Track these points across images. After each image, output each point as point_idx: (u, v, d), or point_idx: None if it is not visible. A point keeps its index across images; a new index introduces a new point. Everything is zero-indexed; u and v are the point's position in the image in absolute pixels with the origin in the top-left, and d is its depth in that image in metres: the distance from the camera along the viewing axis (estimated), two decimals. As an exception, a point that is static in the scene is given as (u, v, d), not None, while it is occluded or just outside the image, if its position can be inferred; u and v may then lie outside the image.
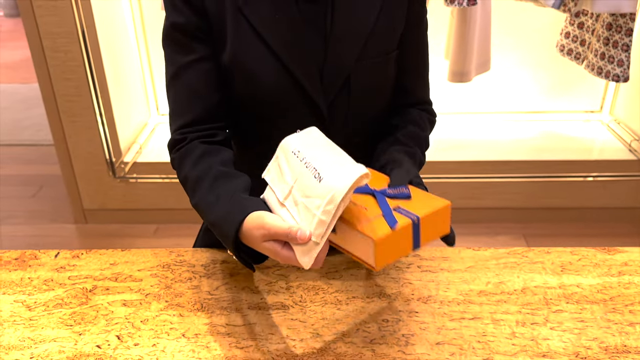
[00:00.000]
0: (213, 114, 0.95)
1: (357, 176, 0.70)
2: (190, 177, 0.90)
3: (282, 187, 0.78)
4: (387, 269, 1.02)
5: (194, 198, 0.90)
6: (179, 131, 0.95)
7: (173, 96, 0.96)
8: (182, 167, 0.93)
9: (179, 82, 0.94)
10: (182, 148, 0.94)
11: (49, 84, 2.36)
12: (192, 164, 0.91)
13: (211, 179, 0.87)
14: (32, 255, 1.08)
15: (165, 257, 1.07)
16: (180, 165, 0.93)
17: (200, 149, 0.92)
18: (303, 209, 0.74)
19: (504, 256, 1.05)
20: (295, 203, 0.75)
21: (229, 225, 0.79)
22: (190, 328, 0.90)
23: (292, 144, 0.80)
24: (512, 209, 2.59)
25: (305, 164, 0.75)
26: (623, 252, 1.06)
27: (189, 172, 0.91)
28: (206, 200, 0.87)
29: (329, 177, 0.71)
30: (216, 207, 0.84)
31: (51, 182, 3.08)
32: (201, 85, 0.93)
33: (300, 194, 0.75)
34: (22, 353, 0.86)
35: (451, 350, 0.85)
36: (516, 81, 2.77)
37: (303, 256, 0.72)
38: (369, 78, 0.95)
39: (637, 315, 0.91)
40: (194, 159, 0.91)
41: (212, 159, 0.91)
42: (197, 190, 0.89)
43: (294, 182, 0.76)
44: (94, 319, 0.93)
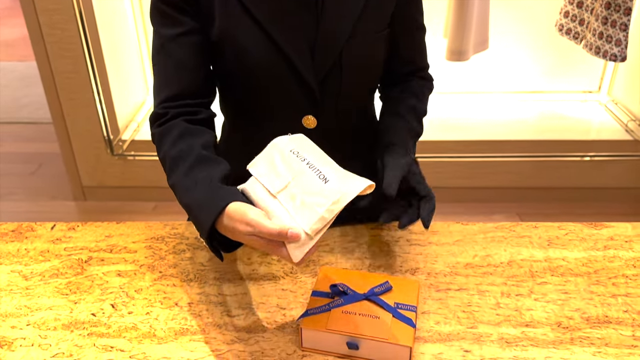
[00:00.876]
0: (197, 88, 0.95)
1: (366, 185, 0.76)
2: (169, 156, 0.89)
3: (275, 181, 0.79)
4: (377, 243, 1.04)
5: (170, 178, 0.88)
6: (161, 105, 0.94)
7: (158, 69, 0.95)
8: (162, 145, 0.91)
9: (164, 54, 0.94)
10: (163, 124, 0.93)
11: (47, 61, 2.36)
12: (172, 143, 0.90)
13: (190, 162, 0.86)
14: (29, 227, 1.10)
15: (159, 230, 1.09)
16: (160, 142, 0.92)
17: (182, 127, 0.91)
18: (301, 204, 0.76)
19: (492, 230, 1.07)
20: (291, 197, 0.78)
21: (206, 213, 0.78)
22: (183, 297, 0.92)
23: (289, 144, 0.83)
24: (508, 189, 2.61)
25: (307, 164, 0.79)
26: (609, 227, 1.07)
27: (168, 151, 0.89)
28: (183, 183, 0.85)
29: (337, 181, 0.76)
30: (193, 191, 0.83)
31: (50, 160, 3.10)
32: (186, 58, 0.93)
33: (299, 190, 0.77)
34: (18, 320, 0.89)
35: (436, 319, 0.87)
36: (514, 61, 2.77)
37: (295, 250, 0.74)
38: (360, 56, 0.96)
39: (619, 288, 0.93)
40: (174, 138, 0.90)
41: (193, 140, 0.89)
42: (174, 171, 0.87)
43: (292, 179, 0.79)
44: (89, 288, 0.95)
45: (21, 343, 0.84)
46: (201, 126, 0.94)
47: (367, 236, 1.06)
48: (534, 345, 0.82)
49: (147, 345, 0.83)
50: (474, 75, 2.81)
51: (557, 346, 0.82)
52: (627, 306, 0.89)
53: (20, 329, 0.87)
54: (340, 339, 0.79)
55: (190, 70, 0.94)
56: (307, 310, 0.82)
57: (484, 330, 0.84)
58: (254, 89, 0.96)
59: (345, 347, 0.79)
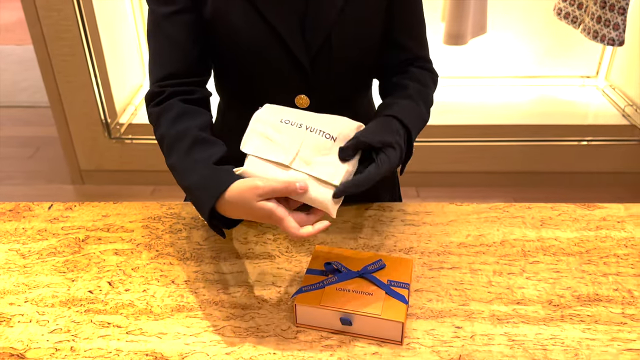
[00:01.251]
0: (192, 67, 0.95)
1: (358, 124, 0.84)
2: (168, 136, 0.90)
3: (282, 152, 0.81)
4: (371, 223, 1.05)
5: (169, 159, 0.89)
6: (157, 84, 0.94)
7: (153, 47, 0.96)
8: (160, 125, 0.92)
9: (159, 32, 0.94)
10: (160, 103, 0.93)
11: (43, 44, 2.36)
12: (170, 123, 0.90)
13: (189, 143, 0.87)
14: (26, 207, 1.11)
15: (156, 210, 1.10)
16: (158, 122, 0.93)
17: (179, 107, 0.92)
18: (320, 164, 0.80)
19: (486, 211, 1.07)
20: (306, 163, 0.80)
21: (207, 194, 0.79)
22: (180, 275, 0.94)
23: (274, 115, 0.84)
24: (504, 173, 2.62)
25: (307, 129, 0.82)
26: (602, 208, 1.08)
27: (166, 131, 0.90)
28: (182, 164, 0.86)
29: (340, 133, 0.82)
30: (193, 173, 0.84)
31: (48, 143, 3.10)
32: (181, 37, 0.93)
33: (311, 153, 0.80)
34: (16, 297, 0.90)
35: (429, 296, 0.88)
36: (512, 45, 2.76)
37: (335, 205, 0.80)
38: (352, 33, 0.95)
39: (610, 267, 0.94)
40: (171, 118, 0.90)
41: (191, 122, 0.90)
42: (173, 152, 0.88)
43: (299, 146, 0.80)
44: (86, 266, 0.96)
45: (19, 319, 0.85)
46: (197, 106, 0.94)
47: (362, 216, 1.07)
48: (524, 322, 0.83)
49: (143, 321, 0.85)
50: (472, 59, 2.80)
51: (547, 323, 0.83)
52: (618, 285, 0.90)
53: (19, 305, 0.88)
54: (333, 315, 0.80)
55: (184, 48, 0.94)
56: (301, 288, 0.84)
57: (475, 308, 0.86)
58: (246, 68, 0.96)
59: (339, 323, 0.80)
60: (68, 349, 0.80)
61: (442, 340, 0.80)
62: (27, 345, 0.81)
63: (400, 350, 0.79)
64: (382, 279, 0.85)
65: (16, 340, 0.82)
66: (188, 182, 0.85)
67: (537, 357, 0.78)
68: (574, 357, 0.77)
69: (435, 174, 2.62)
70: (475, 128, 2.53)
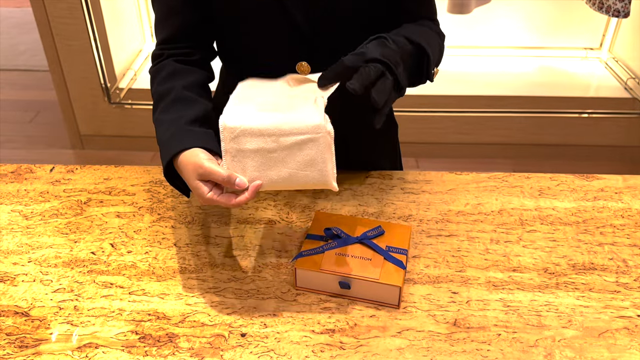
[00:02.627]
0: (190, 32, 0.96)
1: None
2: (155, 94, 0.92)
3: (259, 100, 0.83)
4: (371, 191, 1.06)
5: (154, 115, 0.91)
6: (159, 46, 0.96)
7: (156, 11, 0.97)
8: (152, 83, 0.94)
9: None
10: (158, 63, 0.95)
11: (42, 6, 2.33)
12: (159, 82, 0.92)
13: (169, 101, 0.89)
14: (28, 169, 1.12)
15: (157, 174, 1.10)
16: (152, 80, 0.95)
17: (170, 67, 0.93)
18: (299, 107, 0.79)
19: (485, 180, 1.08)
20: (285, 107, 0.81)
21: (166, 152, 0.82)
22: (182, 238, 0.95)
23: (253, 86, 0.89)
24: (504, 145, 2.62)
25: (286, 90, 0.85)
26: (601, 178, 1.09)
27: (155, 89, 0.92)
28: (159, 120, 0.88)
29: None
30: (162, 129, 0.86)
31: (48, 108, 3.09)
32: (179, 2, 0.93)
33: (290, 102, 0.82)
34: (20, 257, 0.91)
35: (426, 262, 0.89)
36: (516, 15, 2.73)
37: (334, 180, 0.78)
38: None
39: (606, 237, 0.95)
40: (162, 77, 0.93)
41: (177, 81, 0.91)
42: (156, 108, 0.90)
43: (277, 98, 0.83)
44: (88, 228, 0.97)
45: (23, 279, 0.87)
46: (193, 66, 0.95)
47: (362, 184, 1.08)
48: (520, 289, 0.85)
49: (146, 282, 0.86)
50: (475, 29, 2.77)
51: (542, 290, 0.85)
52: (613, 254, 0.92)
53: (22, 265, 0.89)
54: (332, 278, 0.82)
55: (182, 13, 0.94)
56: (301, 252, 0.85)
57: (472, 274, 0.87)
58: (247, 34, 0.96)
59: (338, 287, 0.82)
60: (71, 307, 0.82)
61: (438, 304, 0.82)
62: (32, 304, 0.83)
63: (397, 313, 0.80)
64: (381, 244, 0.86)
65: (20, 298, 0.83)
66: (158, 137, 0.87)
67: (531, 322, 0.79)
68: (568, 323, 0.79)
69: (435, 144, 2.62)
70: (476, 99, 2.52)
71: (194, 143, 0.80)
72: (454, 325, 0.79)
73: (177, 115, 0.86)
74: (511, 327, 0.79)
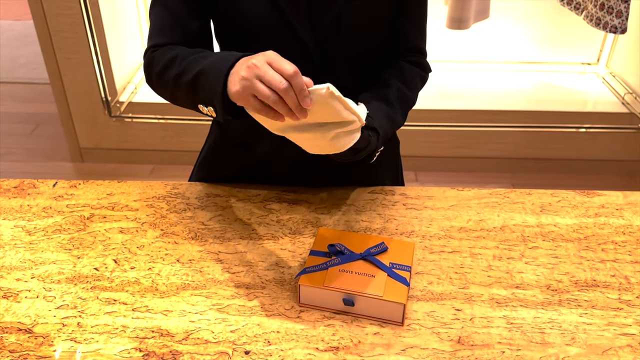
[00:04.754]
0: (189, 42, 0.96)
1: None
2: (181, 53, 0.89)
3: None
4: (374, 206, 1.06)
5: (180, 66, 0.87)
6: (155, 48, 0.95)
7: (154, 17, 0.97)
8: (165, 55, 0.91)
9: (160, 5, 0.95)
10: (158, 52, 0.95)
11: (44, 19, 2.34)
12: (182, 49, 0.91)
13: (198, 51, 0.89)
14: (31, 184, 1.12)
15: (160, 190, 1.11)
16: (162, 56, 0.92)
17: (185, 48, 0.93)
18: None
19: (486, 196, 1.09)
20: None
21: (224, 61, 0.78)
22: (185, 254, 0.95)
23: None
24: (502, 159, 2.63)
25: None
26: (601, 195, 1.10)
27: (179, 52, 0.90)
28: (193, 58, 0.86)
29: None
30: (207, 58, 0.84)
31: (48, 121, 3.09)
32: (181, 11, 0.94)
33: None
34: (23, 273, 0.91)
35: (429, 279, 0.90)
36: (514, 30, 2.76)
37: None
38: (360, 18, 0.96)
39: (608, 253, 0.96)
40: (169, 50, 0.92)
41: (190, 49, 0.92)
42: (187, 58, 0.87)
43: None
44: (91, 244, 0.97)
45: (26, 295, 0.87)
46: None
47: (364, 199, 1.08)
48: (523, 305, 0.85)
49: (149, 298, 0.86)
50: (473, 44, 2.80)
51: (545, 307, 0.85)
52: (615, 271, 0.92)
53: (26, 281, 0.89)
54: (336, 295, 0.82)
55: (182, 22, 0.95)
56: (305, 268, 0.85)
57: (475, 291, 0.87)
58: (251, 48, 0.97)
59: (342, 304, 0.82)
60: (75, 324, 0.82)
61: (442, 322, 0.82)
62: (35, 320, 0.82)
63: (401, 330, 0.81)
64: (385, 261, 0.86)
65: (24, 315, 0.83)
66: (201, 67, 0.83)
67: (535, 340, 0.79)
68: (571, 341, 0.79)
69: (434, 158, 2.63)
70: (474, 113, 2.53)
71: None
72: (458, 343, 0.79)
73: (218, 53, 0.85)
74: (515, 344, 0.79)
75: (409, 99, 1.03)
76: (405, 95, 1.01)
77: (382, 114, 0.95)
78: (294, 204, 1.06)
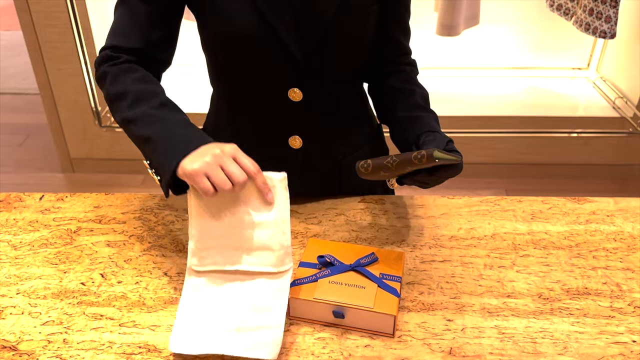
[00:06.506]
0: (149, 48, 0.95)
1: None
2: (133, 91, 0.88)
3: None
4: (364, 216, 1.06)
5: (130, 110, 0.87)
6: (113, 49, 0.94)
7: (117, 17, 0.95)
8: (118, 81, 0.90)
9: (125, 6, 0.94)
10: (118, 64, 0.93)
11: (33, 30, 2.33)
12: (136, 80, 0.90)
13: (161, 100, 0.88)
14: (17, 198, 1.10)
15: (148, 202, 1.09)
16: (117, 79, 0.91)
17: (143, 71, 0.92)
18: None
19: (477, 204, 1.08)
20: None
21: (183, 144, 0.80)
22: (173, 267, 0.94)
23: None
24: (495, 165, 2.63)
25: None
26: (592, 201, 1.09)
27: (131, 86, 0.89)
28: (153, 114, 0.85)
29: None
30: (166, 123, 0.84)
31: (38, 131, 3.07)
32: (145, 19, 0.93)
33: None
34: (8, 289, 0.89)
35: (420, 289, 0.89)
36: (504, 36, 2.77)
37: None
38: (349, 31, 0.95)
39: (599, 261, 0.95)
40: (137, 77, 0.91)
41: (158, 87, 0.91)
42: (141, 104, 0.87)
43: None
44: (78, 258, 0.96)
45: (11, 311, 0.85)
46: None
47: (355, 209, 1.07)
48: (515, 315, 0.84)
49: (136, 313, 0.85)
50: (464, 50, 2.80)
51: (537, 316, 0.84)
52: (607, 278, 0.91)
53: (11, 297, 0.88)
54: (326, 307, 0.81)
55: (146, 31, 0.93)
56: (294, 280, 0.84)
57: (466, 301, 0.87)
58: (239, 60, 0.96)
59: (332, 316, 0.81)
60: (61, 341, 0.80)
61: (433, 332, 0.81)
62: (20, 337, 0.81)
63: (392, 342, 0.80)
64: (375, 272, 0.85)
65: (8, 332, 0.82)
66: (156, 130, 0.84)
67: (527, 350, 0.79)
68: (563, 350, 0.79)
69: (427, 164, 2.62)
70: (465, 119, 2.53)
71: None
72: (449, 354, 0.78)
73: (181, 117, 0.86)
74: (507, 354, 0.78)
75: (425, 95, 1.06)
76: (423, 94, 1.05)
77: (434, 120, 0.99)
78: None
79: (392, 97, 1.04)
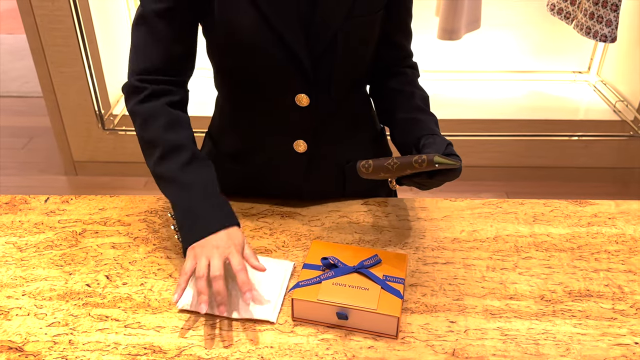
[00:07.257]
0: (173, 65, 0.96)
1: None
2: (162, 143, 0.92)
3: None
4: (367, 218, 1.06)
5: (160, 165, 0.92)
6: (137, 77, 0.95)
7: (136, 40, 0.96)
8: (149, 127, 0.94)
9: (144, 26, 0.94)
10: (143, 102, 0.94)
11: (36, 34, 2.34)
12: (164, 128, 0.93)
13: (186, 158, 0.92)
14: (23, 200, 1.11)
15: (153, 204, 1.10)
16: (146, 124, 0.94)
17: (168, 115, 0.94)
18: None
19: (479, 207, 1.09)
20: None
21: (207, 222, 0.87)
22: (177, 269, 0.94)
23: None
24: (496, 168, 2.64)
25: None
26: (594, 204, 1.10)
27: (160, 136, 0.93)
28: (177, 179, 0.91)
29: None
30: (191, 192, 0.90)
31: (41, 134, 3.08)
32: (166, 34, 0.93)
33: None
34: (14, 290, 0.90)
35: (423, 291, 0.89)
36: (505, 40, 2.78)
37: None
38: (356, 36, 0.96)
39: (601, 263, 0.96)
40: (165, 123, 0.93)
41: (185, 132, 0.94)
42: (167, 161, 0.92)
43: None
44: (83, 260, 0.96)
45: (17, 312, 0.86)
46: (180, 111, 0.97)
47: (358, 211, 1.08)
48: (517, 317, 0.85)
49: (141, 314, 0.85)
50: (465, 54, 2.81)
51: (539, 318, 0.85)
52: (608, 280, 0.92)
53: (16, 299, 0.89)
54: (330, 309, 0.81)
55: (167, 46, 0.94)
56: (298, 282, 0.85)
57: (469, 303, 0.87)
58: (247, 66, 0.96)
59: (335, 317, 0.82)
60: (66, 342, 0.81)
61: (436, 334, 0.82)
62: (26, 339, 0.82)
63: (395, 344, 0.80)
64: (378, 274, 0.86)
65: (14, 333, 0.82)
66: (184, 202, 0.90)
67: (530, 351, 0.79)
68: (565, 352, 0.79)
69: (428, 167, 2.63)
70: (467, 123, 2.54)
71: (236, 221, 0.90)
72: (452, 356, 0.78)
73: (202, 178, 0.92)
74: (509, 356, 0.79)
75: (425, 98, 1.07)
76: (423, 96, 1.06)
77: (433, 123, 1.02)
78: (287, 217, 1.06)
79: (392, 99, 1.05)
